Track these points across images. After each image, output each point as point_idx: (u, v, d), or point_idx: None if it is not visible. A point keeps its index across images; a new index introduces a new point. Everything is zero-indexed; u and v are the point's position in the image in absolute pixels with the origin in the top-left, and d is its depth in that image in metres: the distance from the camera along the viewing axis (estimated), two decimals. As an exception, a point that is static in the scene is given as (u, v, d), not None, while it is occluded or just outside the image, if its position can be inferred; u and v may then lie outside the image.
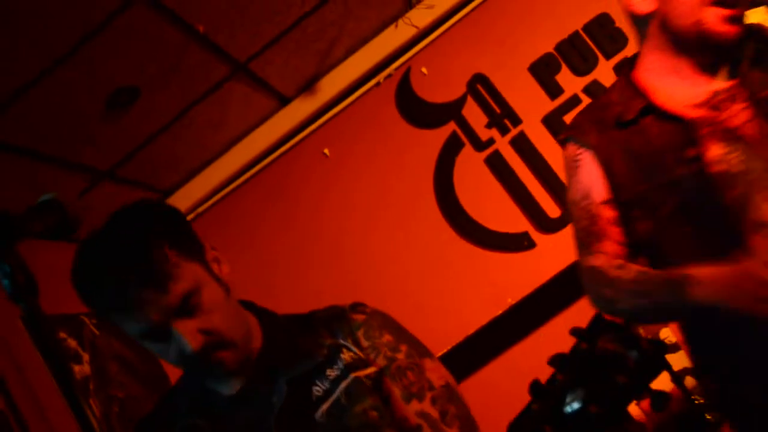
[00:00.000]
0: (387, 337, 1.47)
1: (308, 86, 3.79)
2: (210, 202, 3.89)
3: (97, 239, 1.33)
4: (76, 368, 2.99)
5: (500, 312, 3.49)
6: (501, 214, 3.61)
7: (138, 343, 1.36)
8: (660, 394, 0.87)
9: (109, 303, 1.30)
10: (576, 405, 0.86)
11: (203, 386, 1.47)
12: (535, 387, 0.91)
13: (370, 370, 1.41)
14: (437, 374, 1.48)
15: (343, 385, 1.39)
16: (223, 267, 1.44)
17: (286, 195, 3.89)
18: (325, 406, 1.37)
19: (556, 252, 3.47)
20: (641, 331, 0.91)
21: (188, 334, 1.29)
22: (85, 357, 3.10)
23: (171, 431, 1.45)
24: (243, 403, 1.42)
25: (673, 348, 3.03)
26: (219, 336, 1.33)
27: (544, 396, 0.90)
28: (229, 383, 1.44)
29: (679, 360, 2.99)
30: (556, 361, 0.90)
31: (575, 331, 0.90)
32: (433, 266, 3.64)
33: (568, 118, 3.56)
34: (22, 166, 2.89)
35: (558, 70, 3.63)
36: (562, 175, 3.51)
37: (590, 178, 1.81)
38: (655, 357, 0.88)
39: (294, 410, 1.38)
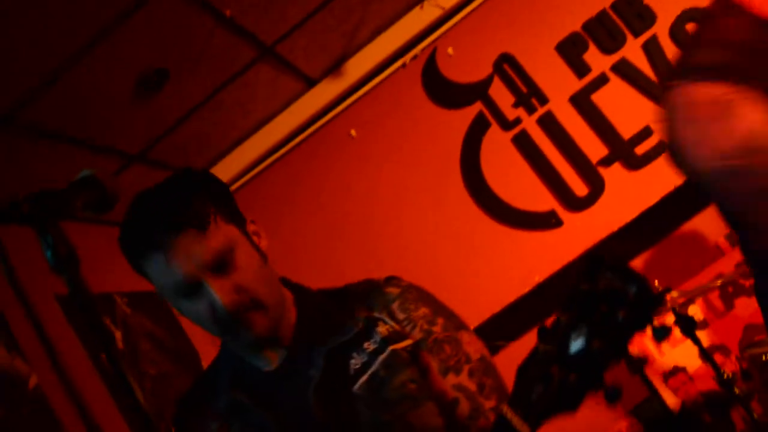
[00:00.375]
0: (423, 310, 1.46)
1: (335, 68, 3.80)
2: (238, 184, 3.94)
3: (147, 193, 1.37)
4: (110, 346, 3.05)
5: (527, 290, 3.51)
6: (528, 192, 3.61)
7: (169, 323, 1.38)
8: (661, 328, 0.88)
9: (149, 247, 1.32)
10: (580, 343, 0.88)
11: (242, 363, 1.48)
12: (541, 331, 0.93)
13: (407, 342, 1.41)
14: (474, 347, 1.47)
15: (381, 357, 1.39)
16: (262, 240, 1.46)
17: (314, 176, 3.92)
18: (363, 379, 1.38)
19: (583, 230, 3.47)
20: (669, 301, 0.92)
21: (220, 289, 1.30)
22: (117, 335, 3.16)
23: (213, 407, 1.47)
24: (283, 379, 1.43)
25: (702, 325, 3.03)
26: (251, 296, 1.34)
27: (549, 338, 0.92)
28: (266, 358, 1.45)
29: (707, 336, 2.99)
30: (559, 304, 0.91)
31: (576, 273, 0.92)
32: (461, 245, 3.65)
33: (596, 96, 3.55)
34: (54, 150, 2.93)
35: (585, 48, 3.61)
36: (590, 154, 3.51)
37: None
38: (653, 291, 0.89)
39: (332, 383, 1.38)
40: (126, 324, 3.28)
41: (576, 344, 0.89)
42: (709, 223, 3.38)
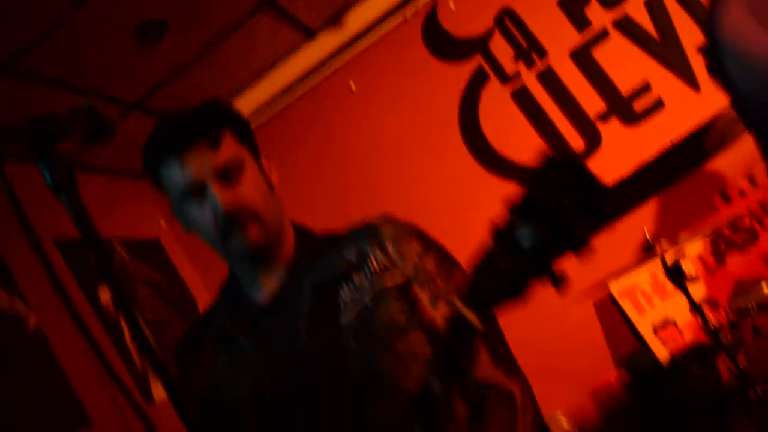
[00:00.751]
0: (415, 246, 1.49)
1: (335, 19, 3.78)
2: (237, 135, 3.94)
3: (175, 112, 1.48)
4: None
5: (523, 244, 3.52)
6: (525, 146, 3.62)
7: (166, 271, 1.41)
8: (600, 205, 0.92)
9: (166, 151, 1.42)
10: (525, 232, 0.92)
11: (239, 294, 1.54)
12: (492, 229, 0.96)
13: (398, 277, 1.44)
14: (465, 281, 1.50)
15: (371, 291, 1.43)
16: (273, 175, 1.53)
17: (313, 130, 3.93)
18: (352, 312, 1.42)
19: (579, 186, 3.49)
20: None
21: (222, 195, 1.39)
22: (116, 281, 3.20)
23: (210, 334, 1.54)
24: (274, 312, 1.48)
25: (694, 280, 3.07)
26: (250, 208, 1.42)
27: (501, 235, 0.95)
28: (261, 283, 1.50)
29: (698, 290, 3.03)
30: (509, 202, 0.94)
31: (528, 177, 0.94)
32: (458, 199, 3.67)
33: (597, 52, 3.54)
34: (54, 97, 2.94)
35: (587, 2, 3.59)
36: (588, 108, 3.52)
37: None
38: (597, 179, 0.92)
39: (321, 316, 1.42)
40: (124, 270, 3.32)
41: (521, 233, 0.92)
42: (704, 180, 3.39)
